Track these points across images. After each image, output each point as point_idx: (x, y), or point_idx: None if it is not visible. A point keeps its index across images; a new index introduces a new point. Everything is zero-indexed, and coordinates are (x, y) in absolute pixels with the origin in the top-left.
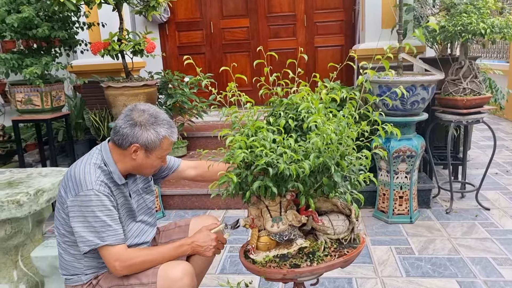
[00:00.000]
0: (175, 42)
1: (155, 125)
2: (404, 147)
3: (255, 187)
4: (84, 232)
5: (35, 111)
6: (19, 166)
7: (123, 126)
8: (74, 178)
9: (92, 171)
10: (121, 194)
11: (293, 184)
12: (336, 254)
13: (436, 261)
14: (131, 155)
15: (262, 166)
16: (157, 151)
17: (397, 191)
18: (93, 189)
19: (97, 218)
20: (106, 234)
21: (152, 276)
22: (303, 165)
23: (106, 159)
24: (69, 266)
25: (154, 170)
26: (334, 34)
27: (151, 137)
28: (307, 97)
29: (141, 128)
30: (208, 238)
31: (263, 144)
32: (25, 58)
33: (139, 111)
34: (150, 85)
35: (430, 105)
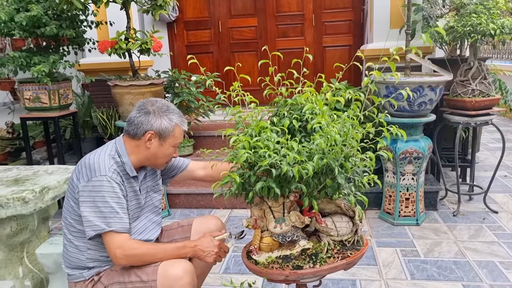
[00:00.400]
0: (183, 41)
1: (167, 112)
2: (410, 149)
3: (258, 187)
4: (92, 217)
5: (43, 109)
6: (27, 163)
7: (137, 115)
8: (88, 165)
9: (106, 160)
10: (131, 188)
11: (296, 185)
12: (339, 256)
13: (441, 264)
14: (146, 143)
15: (265, 167)
16: (170, 138)
17: (404, 192)
18: (106, 175)
19: (106, 204)
20: (113, 220)
21: (152, 274)
22: (306, 166)
23: (120, 151)
24: (72, 258)
25: (167, 161)
26: (342, 34)
27: (164, 123)
28: (311, 98)
29: (154, 115)
30: (211, 244)
31: (266, 145)
32: (33, 56)
33: (151, 101)
34: (157, 84)
35: (438, 106)
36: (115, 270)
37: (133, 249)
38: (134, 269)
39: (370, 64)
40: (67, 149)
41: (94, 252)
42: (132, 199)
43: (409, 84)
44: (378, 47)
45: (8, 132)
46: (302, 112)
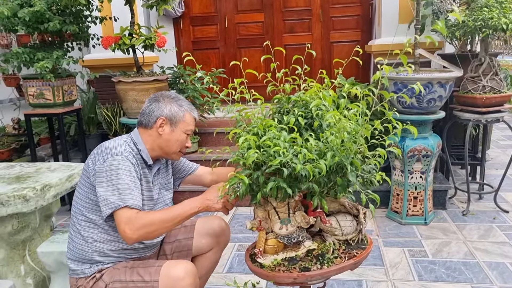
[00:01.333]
0: (189, 36)
1: (177, 99)
2: (419, 146)
3: (268, 188)
4: (108, 195)
5: (47, 105)
6: (31, 160)
7: (148, 105)
8: (104, 149)
9: (122, 144)
10: (145, 178)
11: (308, 185)
12: (346, 256)
13: (450, 265)
14: (158, 130)
15: (276, 166)
16: (181, 123)
17: (412, 191)
18: (122, 155)
19: (122, 181)
20: (128, 196)
21: (154, 274)
22: (319, 165)
23: (136, 140)
24: (77, 250)
25: (180, 149)
26: (350, 29)
27: (174, 108)
28: (318, 93)
29: (164, 102)
30: (215, 191)
31: (276, 144)
32: (37, 52)
33: (161, 92)
34: (161, 80)
35: (448, 103)
36: (117, 269)
37: (140, 219)
38: (136, 268)
39: (379, 59)
40: (72, 146)
41: (101, 244)
42: (145, 189)
43: (418, 80)
44: (386, 42)
45: (14, 128)
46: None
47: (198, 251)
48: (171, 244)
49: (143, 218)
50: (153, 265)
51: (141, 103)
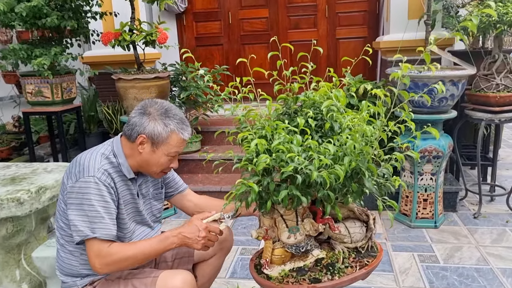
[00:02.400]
0: (192, 33)
1: (164, 116)
2: (430, 147)
3: (281, 197)
4: (78, 221)
5: (46, 103)
6: (29, 159)
7: (133, 115)
8: (78, 164)
9: (97, 159)
10: (128, 191)
11: (323, 192)
12: (357, 265)
13: (463, 271)
14: (138, 147)
15: (289, 172)
16: (164, 145)
17: (421, 193)
18: (94, 176)
19: (92, 207)
20: (97, 226)
21: (150, 285)
22: (335, 171)
23: (116, 151)
24: (65, 264)
25: (162, 170)
26: (357, 25)
27: (157, 128)
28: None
29: (149, 118)
30: (195, 229)
31: (289, 148)
32: (34, 49)
33: (153, 102)
34: (162, 78)
35: (459, 102)
36: (110, 280)
37: (111, 256)
38: (131, 280)
39: (398, 56)
40: (72, 145)
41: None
42: (128, 203)
43: (430, 79)
44: (395, 38)
45: (15, 126)
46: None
47: (200, 257)
48: (172, 251)
49: (115, 254)
50: (149, 276)
51: (141, 101)
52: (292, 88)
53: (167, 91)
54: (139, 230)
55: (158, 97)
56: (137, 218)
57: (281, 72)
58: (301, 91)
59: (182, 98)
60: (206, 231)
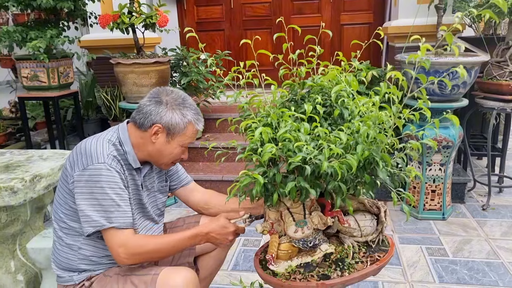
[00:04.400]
0: (193, 17)
1: (182, 106)
2: (440, 137)
3: (288, 189)
4: (90, 211)
5: (42, 88)
6: (26, 145)
7: (148, 103)
8: (84, 151)
9: (105, 145)
10: (133, 181)
11: (334, 184)
12: (368, 260)
13: (473, 265)
14: (151, 137)
15: (297, 163)
16: (179, 136)
17: (430, 184)
18: (104, 162)
19: (106, 196)
20: (114, 215)
21: (151, 283)
22: (347, 161)
23: (123, 138)
24: (62, 258)
25: (172, 162)
26: (362, 10)
27: (176, 118)
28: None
29: (166, 107)
30: (225, 231)
31: (296, 137)
32: (29, 31)
33: (167, 90)
34: (162, 62)
35: (470, 90)
36: (108, 276)
37: (139, 247)
38: (130, 276)
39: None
40: (70, 131)
41: (87, 252)
42: (134, 193)
43: (441, 65)
44: (404, 24)
45: (11, 111)
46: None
47: (202, 250)
48: None
49: (142, 246)
50: (149, 273)
51: (141, 87)
52: (298, 73)
53: (167, 77)
54: (143, 223)
55: (158, 83)
56: (140, 211)
57: (286, 56)
58: (308, 77)
59: (183, 84)
60: (234, 234)
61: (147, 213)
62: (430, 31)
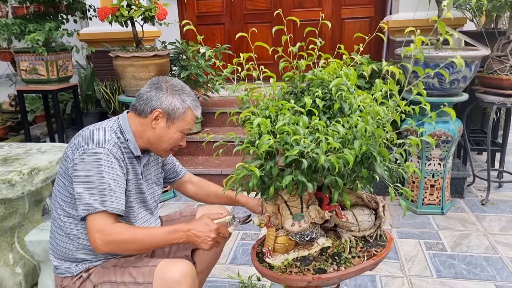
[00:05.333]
0: (193, 11)
1: (181, 92)
2: (439, 131)
3: (285, 183)
4: (85, 194)
5: (41, 81)
6: (25, 139)
7: (148, 90)
8: (86, 136)
9: (106, 132)
10: (133, 169)
11: (331, 178)
12: (365, 255)
13: (471, 260)
14: (152, 123)
15: (294, 157)
16: (179, 121)
17: (429, 178)
18: (105, 147)
19: (102, 179)
20: (107, 198)
21: (148, 275)
22: (344, 156)
23: (124, 127)
24: (60, 247)
25: (172, 147)
26: (363, 4)
27: (176, 103)
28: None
29: (167, 92)
30: (206, 228)
31: (294, 130)
32: (28, 24)
33: (166, 78)
34: (162, 56)
35: (470, 84)
36: (106, 268)
37: (115, 234)
38: (128, 268)
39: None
40: (69, 124)
41: (86, 242)
42: (134, 182)
43: (441, 59)
44: (404, 17)
45: (11, 104)
46: (324, 88)
47: None
48: None
49: (119, 234)
50: (146, 265)
51: (140, 80)
52: (299, 66)
53: (166, 70)
54: (141, 214)
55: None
56: (140, 200)
57: (286, 49)
58: (308, 70)
59: (182, 77)
60: (216, 233)
61: (146, 203)
62: (430, 25)
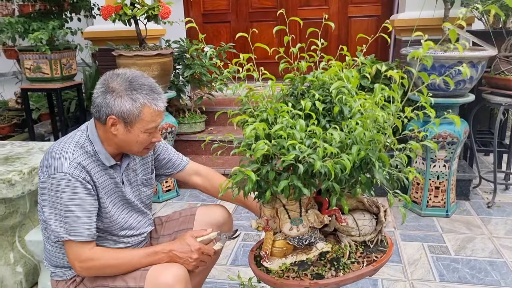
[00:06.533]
0: (199, 9)
1: (130, 90)
2: (444, 133)
3: (281, 188)
4: (52, 220)
5: (44, 80)
6: (29, 137)
7: (95, 95)
8: (50, 157)
9: (69, 151)
10: (111, 180)
11: (327, 184)
12: (364, 261)
13: (475, 264)
14: (111, 129)
15: (290, 161)
16: (138, 123)
17: (433, 180)
18: (65, 172)
19: (65, 207)
20: (72, 227)
21: (140, 279)
22: (341, 161)
23: (91, 137)
24: (51, 256)
25: (145, 147)
26: (370, 3)
27: (126, 106)
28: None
29: (113, 95)
30: (187, 249)
31: (291, 134)
32: (32, 22)
33: (113, 75)
34: (165, 55)
35: (476, 85)
36: None
37: (94, 260)
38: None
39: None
40: (73, 122)
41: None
42: (113, 192)
43: (447, 59)
44: (411, 16)
45: (17, 102)
46: (324, 90)
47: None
48: (169, 237)
49: (97, 260)
50: (138, 269)
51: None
52: (300, 67)
53: (170, 69)
54: (131, 219)
55: (160, 75)
56: (127, 207)
57: (288, 49)
58: (310, 71)
59: (186, 76)
60: (199, 253)
61: (135, 207)
62: (436, 24)
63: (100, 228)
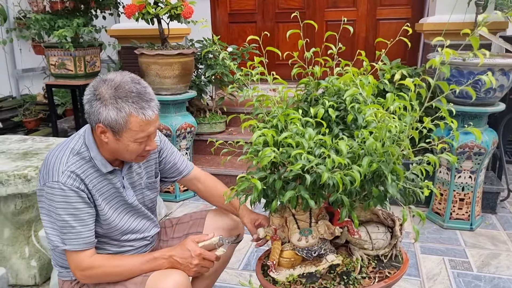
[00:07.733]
0: (226, 8)
1: (114, 98)
2: (471, 143)
3: (286, 198)
4: (48, 229)
5: (68, 76)
6: (52, 132)
7: (84, 101)
8: (45, 164)
9: (64, 158)
10: (110, 185)
11: (336, 196)
12: (376, 276)
13: (499, 282)
14: (101, 137)
15: (297, 171)
16: (126, 132)
17: (458, 192)
18: (58, 181)
19: (59, 217)
20: (67, 236)
21: (140, 285)
22: (351, 173)
23: (88, 142)
24: (57, 256)
25: (139, 155)
26: (400, 5)
27: (111, 115)
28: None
29: (100, 102)
30: (188, 254)
31: (299, 143)
32: (58, 20)
33: (101, 81)
34: (186, 54)
35: (508, 94)
36: None
37: (94, 269)
38: None
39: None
40: None
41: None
42: (113, 198)
43: (477, 67)
44: (440, 20)
45: (45, 97)
46: (339, 98)
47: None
48: (179, 239)
49: (98, 268)
50: (139, 275)
51: (163, 78)
52: (314, 72)
53: (191, 69)
54: (134, 223)
55: (181, 75)
56: (130, 211)
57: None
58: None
59: (207, 76)
60: (200, 258)
61: (139, 211)
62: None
63: (100, 234)
